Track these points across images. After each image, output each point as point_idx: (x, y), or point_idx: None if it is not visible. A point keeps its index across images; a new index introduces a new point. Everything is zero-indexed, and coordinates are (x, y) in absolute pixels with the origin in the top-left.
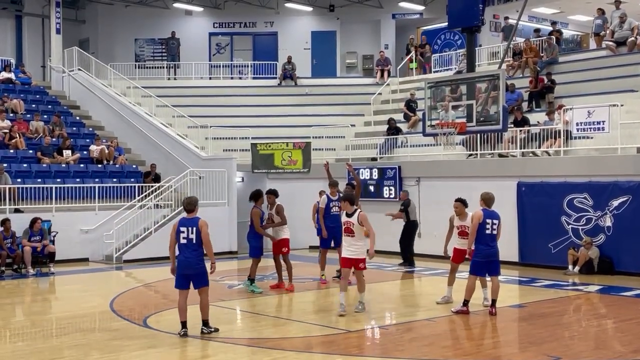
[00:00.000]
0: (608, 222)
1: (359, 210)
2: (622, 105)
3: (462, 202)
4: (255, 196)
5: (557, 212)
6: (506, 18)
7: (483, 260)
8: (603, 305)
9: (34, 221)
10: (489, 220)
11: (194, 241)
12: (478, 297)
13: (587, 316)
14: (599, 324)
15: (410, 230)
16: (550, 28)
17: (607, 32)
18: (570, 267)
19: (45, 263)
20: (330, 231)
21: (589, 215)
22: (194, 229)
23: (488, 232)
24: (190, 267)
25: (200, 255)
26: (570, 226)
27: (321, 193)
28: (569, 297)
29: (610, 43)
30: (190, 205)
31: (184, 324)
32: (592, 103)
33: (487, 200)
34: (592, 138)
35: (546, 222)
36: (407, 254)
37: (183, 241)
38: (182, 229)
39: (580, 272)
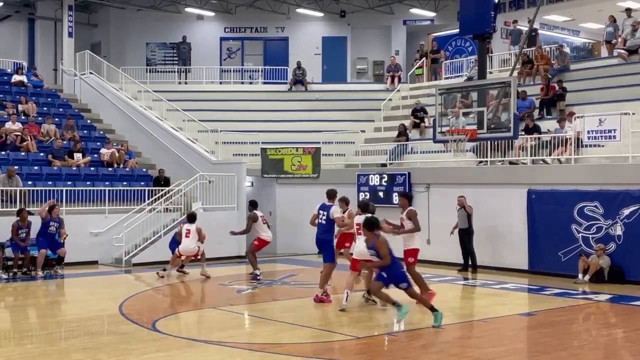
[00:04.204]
0: (619, 230)
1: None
2: (633, 114)
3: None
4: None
5: (567, 220)
6: (514, 22)
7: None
8: (613, 315)
9: (52, 207)
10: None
11: (324, 223)
12: (484, 305)
13: (596, 325)
14: (608, 333)
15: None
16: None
17: (619, 40)
18: (580, 275)
19: (53, 266)
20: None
21: (600, 223)
22: (326, 213)
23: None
24: (320, 241)
25: (329, 234)
26: (580, 234)
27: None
28: (578, 306)
29: (622, 51)
30: (330, 194)
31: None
32: (603, 111)
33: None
34: (603, 146)
35: (556, 230)
36: (475, 259)
37: (320, 221)
38: (321, 211)
39: (590, 280)
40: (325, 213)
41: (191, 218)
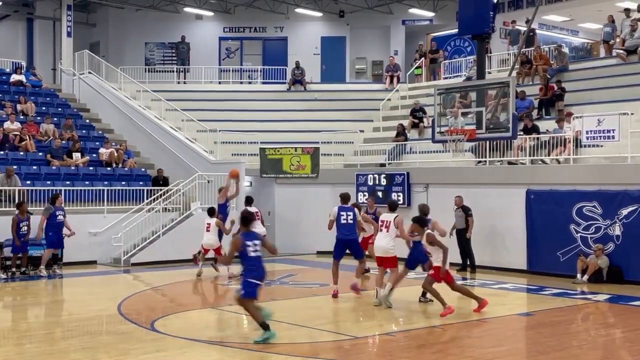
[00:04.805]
0: (617, 230)
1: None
2: (632, 114)
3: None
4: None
5: (566, 220)
6: (513, 22)
7: None
8: (612, 315)
9: (55, 197)
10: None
11: (351, 223)
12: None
13: (595, 325)
14: (607, 334)
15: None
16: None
17: (618, 40)
18: (578, 275)
19: (51, 265)
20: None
21: (598, 223)
22: (352, 214)
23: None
24: (348, 241)
25: (355, 233)
26: (579, 234)
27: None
28: (577, 306)
29: (621, 51)
30: (346, 198)
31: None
32: (602, 111)
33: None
34: (601, 146)
35: (555, 231)
36: (473, 259)
37: (345, 221)
38: (343, 213)
39: (589, 280)
40: (350, 214)
41: (210, 212)
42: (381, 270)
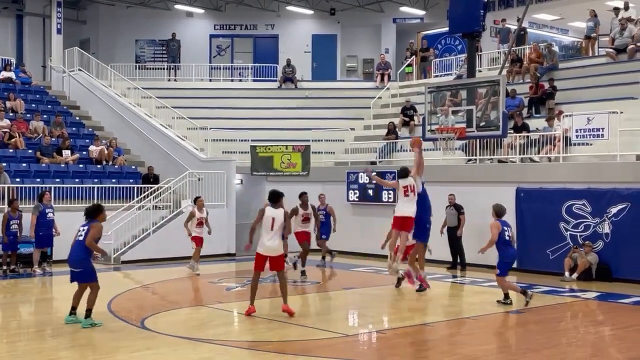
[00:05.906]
0: (606, 228)
1: None
2: (621, 113)
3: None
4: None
5: (555, 218)
6: (503, 20)
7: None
8: (601, 312)
9: (42, 194)
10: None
11: (413, 196)
12: (473, 302)
13: (584, 323)
14: (596, 331)
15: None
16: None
17: (607, 39)
18: (566, 273)
19: (41, 263)
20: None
21: (588, 221)
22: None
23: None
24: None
25: (417, 209)
26: (568, 232)
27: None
28: (566, 304)
29: (610, 50)
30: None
31: None
32: (591, 110)
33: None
34: (591, 145)
35: (544, 228)
36: (464, 257)
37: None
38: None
39: (578, 278)
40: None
41: (194, 201)
42: (396, 234)
